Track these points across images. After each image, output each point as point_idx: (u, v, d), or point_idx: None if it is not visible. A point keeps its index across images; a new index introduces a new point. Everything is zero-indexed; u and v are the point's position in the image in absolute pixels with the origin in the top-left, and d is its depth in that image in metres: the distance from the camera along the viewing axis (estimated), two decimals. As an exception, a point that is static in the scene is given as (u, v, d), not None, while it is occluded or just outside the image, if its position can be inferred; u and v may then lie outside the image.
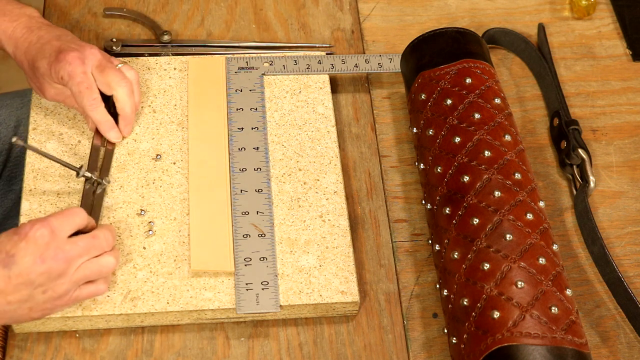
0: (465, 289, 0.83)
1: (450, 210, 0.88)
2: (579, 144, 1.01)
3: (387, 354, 0.89)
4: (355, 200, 0.99)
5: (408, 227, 0.98)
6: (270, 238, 0.92)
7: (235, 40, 1.11)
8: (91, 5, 1.12)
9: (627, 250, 0.98)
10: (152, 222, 0.93)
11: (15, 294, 0.79)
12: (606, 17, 1.18)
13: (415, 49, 1.01)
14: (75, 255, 0.82)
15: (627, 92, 1.11)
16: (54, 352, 0.87)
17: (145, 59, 1.05)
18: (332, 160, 0.99)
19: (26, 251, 0.79)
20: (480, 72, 0.96)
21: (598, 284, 0.95)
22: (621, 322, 0.93)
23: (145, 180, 0.96)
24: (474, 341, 0.81)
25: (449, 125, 0.93)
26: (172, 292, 0.88)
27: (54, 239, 0.81)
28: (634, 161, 1.05)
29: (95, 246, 0.84)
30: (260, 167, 0.97)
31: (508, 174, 0.88)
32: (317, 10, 1.15)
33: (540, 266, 0.83)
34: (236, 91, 1.03)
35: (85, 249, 0.83)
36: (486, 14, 1.17)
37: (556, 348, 0.79)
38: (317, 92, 1.04)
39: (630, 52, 1.14)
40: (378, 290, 0.93)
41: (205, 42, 1.09)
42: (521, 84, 1.11)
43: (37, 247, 0.80)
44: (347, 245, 0.93)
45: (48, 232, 0.80)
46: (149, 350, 0.88)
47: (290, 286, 0.90)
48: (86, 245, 0.83)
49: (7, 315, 0.80)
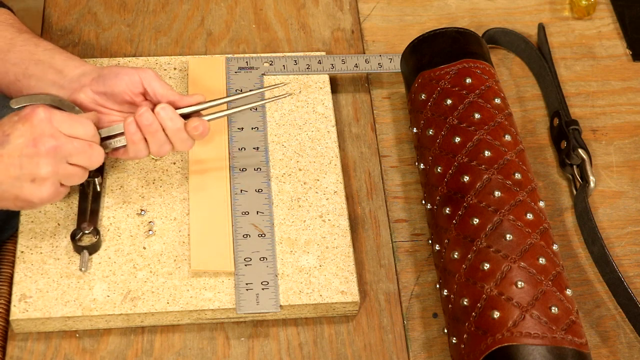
0: (465, 289, 0.83)
1: (450, 210, 0.88)
2: (579, 144, 1.01)
3: (387, 354, 0.89)
4: (355, 200, 0.99)
5: (408, 227, 0.98)
6: (270, 238, 0.92)
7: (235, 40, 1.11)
8: (91, 5, 1.12)
9: (627, 250, 0.98)
10: (152, 222, 0.93)
11: (6, 171, 0.81)
12: (606, 17, 1.18)
13: (415, 49, 1.01)
14: (66, 152, 0.82)
15: (627, 92, 1.11)
16: (54, 352, 0.87)
17: (145, 59, 1.05)
18: (332, 160, 0.99)
19: (21, 133, 0.81)
20: (480, 72, 0.96)
21: (598, 284, 0.95)
22: (621, 322, 0.93)
23: (145, 180, 0.96)
24: (474, 341, 0.81)
25: (449, 125, 0.93)
26: (172, 292, 0.88)
27: (50, 128, 0.82)
28: (634, 161, 1.05)
29: (87, 153, 0.84)
30: (260, 167, 0.97)
31: (508, 174, 0.88)
32: (317, 10, 1.15)
33: (540, 266, 0.83)
34: (236, 91, 1.03)
35: (78, 150, 0.83)
36: (486, 14, 1.17)
37: (556, 348, 0.79)
38: (317, 92, 1.04)
39: (630, 52, 1.14)
40: (378, 290, 0.93)
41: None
42: (521, 84, 1.11)
43: (33, 131, 0.81)
44: (347, 245, 0.93)
45: (47, 120, 0.82)
46: (149, 350, 0.88)
47: (290, 286, 0.90)
48: (81, 147, 0.83)
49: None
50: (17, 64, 0.91)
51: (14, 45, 0.91)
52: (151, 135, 0.87)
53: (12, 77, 0.91)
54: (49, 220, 0.92)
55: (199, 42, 1.10)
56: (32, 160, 0.81)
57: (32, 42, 0.92)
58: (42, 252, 0.90)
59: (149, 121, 0.87)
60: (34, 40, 0.92)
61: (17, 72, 0.91)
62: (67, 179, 0.84)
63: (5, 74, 0.91)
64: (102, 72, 0.90)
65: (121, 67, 0.90)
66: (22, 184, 0.82)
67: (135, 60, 1.05)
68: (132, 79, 0.89)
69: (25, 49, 0.91)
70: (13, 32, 0.92)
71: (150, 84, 0.89)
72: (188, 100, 0.90)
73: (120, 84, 0.89)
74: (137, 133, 0.87)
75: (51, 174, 0.82)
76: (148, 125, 0.87)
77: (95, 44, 1.09)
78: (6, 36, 0.92)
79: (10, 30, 0.93)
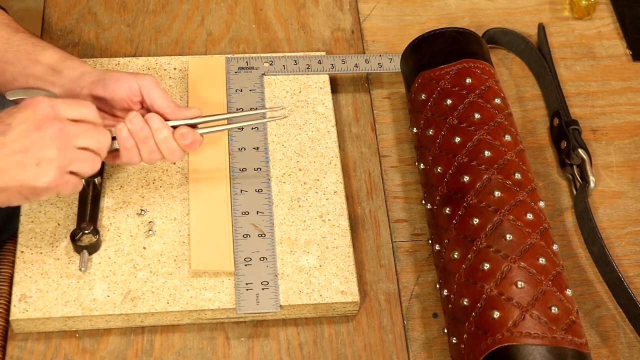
0: (465, 289, 0.83)
1: (450, 210, 0.88)
2: (579, 144, 1.01)
3: (387, 354, 0.89)
4: (355, 200, 0.99)
5: (408, 227, 0.98)
6: (270, 238, 0.92)
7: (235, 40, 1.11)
8: (91, 5, 1.12)
9: (627, 250, 0.98)
10: (152, 222, 0.93)
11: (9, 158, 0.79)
12: (606, 17, 1.18)
13: (415, 49, 1.01)
14: (72, 134, 0.81)
15: (627, 92, 1.11)
16: (54, 352, 0.87)
17: (145, 59, 1.05)
18: (332, 160, 0.99)
19: (23, 119, 0.80)
20: (480, 72, 0.96)
21: (598, 284, 0.95)
22: (621, 322, 0.93)
23: (145, 180, 0.96)
24: (474, 341, 0.81)
25: (449, 125, 0.93)
26: (172, 292, 0.88)
27: (53, 112, 0.81)
28: (634, 161, 1.05)
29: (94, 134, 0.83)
30: (260, 167, 0.97)
31: (508, 174, 0.88)
32: (317, 10, 1.15)
33: (540, 266, 0.83)
34: (236, 91, 1.03)
35: (84, 131, 0.82)
36: (486, 14, 1.17)
37: (556, 348, 0.79)
38: (317, 92, 1.04)
39: (630, 52, 1.14)
40: (378, 290, 0.93)
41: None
42: (521, 84, 1.11)
43: (35, 116, 0.80)
44: (347, 245, 0.93)
45: (49, 106, 0.80)
46: (149, 350, 0.88)
47: (290, 286, 0.90)
48: (87, 128, 0.82)
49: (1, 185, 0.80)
50: (14, 64, 0.90)
51: (11, 45, 0.91)
52: (142, 141, 0.87)
53: (10, 76, 0.91)
54: (49, 220, 0.92)
55: (199, 42, 1.10)
56: (37, 143, 0.80)
57: (29, 42, 0.91)
58: (42, 252, 0.90)
59: (138, 126, 0.86)
60: (32, 40, 0.92)
61: (15, 72, 0.90)
62: (76, 165, 0.82)
63: (3, 73, 0.91)
64: (103, 77, 0.89)
65: (122, 73, 0.90)
66: (26, 168, 0.80)
67: (135, 60, 1.05)
68: (131, 85, 0.89)
69: (22, 48, 0.91)
70: (9, 31, 0.92)
71: (148, 92, 0.89)
72: (185, 113, 0.89)
73: (120, 90, 0.88)
74: (129, 139, 0.86)
75: (57, 157, 0.80)
76: (138, 131, 0.86)
77: (95, 44, 1.09)
78: (2, 35, 0.91)
79: (7, 30, 0.92)
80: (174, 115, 0.88)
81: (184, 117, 0.89)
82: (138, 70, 1.03)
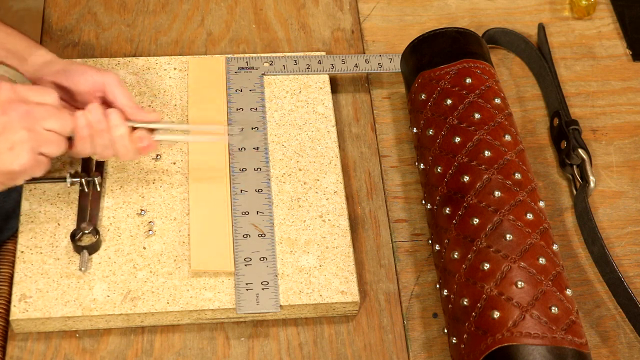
0: (465, 289, 0.83)
1: (450, 210, 0.88)
2: (579, 144, 1.01)
3: (387, 354, 0.89)
4: (355, 200, 0.99)
5: (408, 227, 0.98)
6: (270, 238, 0.92)
7: (235, 40, 1.11)
8: (91, 5, 1.12)
9: (627, 250, 0.98)
10: (152, 222, 0.93)
11: None
12: (606, 17, 1.18)
13: (415, 49, 1.01)
14: (38, 116, 0.81)
15: (627, 92, 1.11)
16: (54, 352, 0.87)
17: (145, 59, 1.05)
18: (332, 160, 0.99)
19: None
20: (480, 72, 0.96)
21: (598, 284, 0.95)
22: (621, 322, 0.93)
23: (145, 180, 0.96)
24: (474, 341, 0.81)
25: (449, 125, 0.93)
26: (172, 292, 0.88)
27: (17, 95, 0.81)
28: (634, 161, 1.05)
29: (58, 117, 0.82)
30: (260, 167, 0.97)
31: (508, 174, 0.88)
32: (317, 10, 1.15)
33: (540, 266, 0.83)
34: (236, 91, 1.03)
35: (49, 113, 0.82)
36: (486, 14, 1.17)
37: (556, 348, 0.79)
38: (317, 92, 1.04)
39: (630, 52, 1.14)
40: (378, 290, 0.93)
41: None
42: (521, 84, 1.11)
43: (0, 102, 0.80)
44: (347, 245, 0.93)
45: (11, 91, 0.80)
46: (149, 350, 0.88)
47: (290, 286, 0.90)
48: (52, 110, 0.82)
49: None
50: None
51: None
52: (97, 134, 0.86)
53: None
54: (49, 220, 0.92)
55: (199, 42, 1.10)
56: (6, 127, 0.80)
57: None
58: (42, 252, 0.90)
59: (96, 118, 0.86)
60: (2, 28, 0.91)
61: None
62: (45, 146, 0.82)
63: None
64: (69, 68, 0.89)
65: (88, 67, 0.90)
66: (1, 154, 0.80)
67: (135, 60, 1.05)
68: (95, 80, 0.88)
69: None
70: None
71: (112, 90, 0.88)
72: (144, 115, 0.89)
73: (84, 83, 0.88)
74: (85, 129, 0.86)
75: (27, 138, 0.81)
76: (96, 122, 0.86)
77: (95, 44, 1.09)
78: None
79: None
80: (134, 115, 0.88)
81: (143, 119, 0.89)
82: (138, 70, 1.03)
